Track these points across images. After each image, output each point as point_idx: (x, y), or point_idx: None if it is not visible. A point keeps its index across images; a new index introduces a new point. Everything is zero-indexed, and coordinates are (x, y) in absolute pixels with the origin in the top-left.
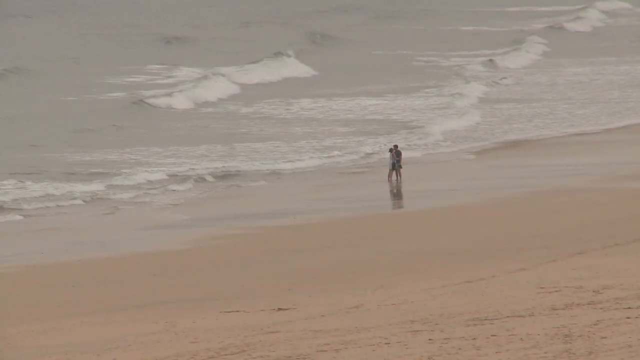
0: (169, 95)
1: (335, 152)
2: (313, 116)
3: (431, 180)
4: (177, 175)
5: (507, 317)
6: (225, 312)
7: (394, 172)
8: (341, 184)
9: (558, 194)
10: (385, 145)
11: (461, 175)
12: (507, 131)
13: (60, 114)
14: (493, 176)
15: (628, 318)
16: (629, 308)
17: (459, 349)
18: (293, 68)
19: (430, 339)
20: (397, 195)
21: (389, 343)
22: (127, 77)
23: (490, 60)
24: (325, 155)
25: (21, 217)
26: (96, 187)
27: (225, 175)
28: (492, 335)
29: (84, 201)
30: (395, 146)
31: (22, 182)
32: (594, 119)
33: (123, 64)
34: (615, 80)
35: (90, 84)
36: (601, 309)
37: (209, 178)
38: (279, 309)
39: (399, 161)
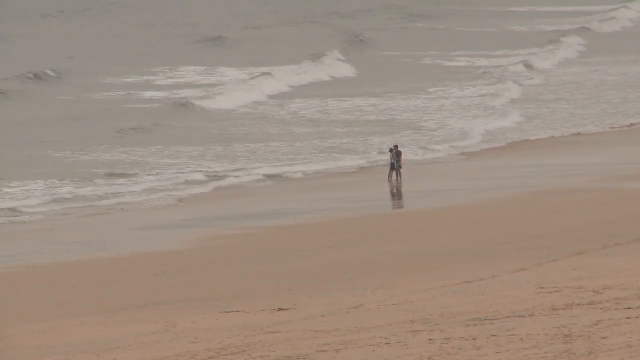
0: (216, 95)
1: (374, 152)
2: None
3: (431, 180)
4: (218, 176)
5: (507, 317)
6: (225, 312)
7: (394, 172)
8: (341, 184)
9: (558, 194)
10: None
11: (461, 175)
12: (548, 129)
13: (101, 115)
14: (493, 176)
15: (628, 318)
16: (629, 308)
17: (459, 349)
18: (337, 68)
19: (430, 339)
20: (397, 195)
21: (389, 343)
22: (167, 77)
23: (525, 61)
24: (365, 156)
25: (31, 219)
26: (139, 187)
27: (263, 177)
28: (492, 335)
29: (118, 203)
30: (395, 146)
31: (47, 182)
32: (597, 119)
33: (162, 64)
34: (611, 81)
35: (132, 84)
36: (601, 309)
37: (248, 179)
38: (279, 309)
39: (398, 161)
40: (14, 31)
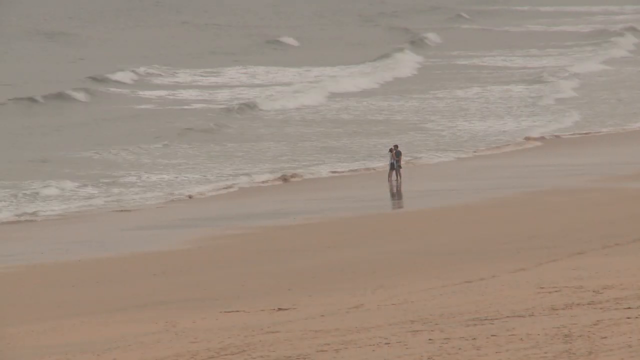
0: (278, 96)
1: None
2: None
3: (431, 180)
4: (285, 178)
5: (507, 317)
6: (225, 312)
7: (394, 172)
8: (341, 184)
9: (558, 194)
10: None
11: (461, 175)
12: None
13: (156, 116)
14: (493, 176)
15: (628, 318)
16: (629, 308)
17: (459, 349)
18: (400, 69)
19: (430, 339)
20: (397, 195)
21: (389, 343)
22: (230, 78)
23: (563, 65)
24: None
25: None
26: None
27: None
28: (492, 335)
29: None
30: (396, 146)
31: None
32: (598, 119)
33: (225, 64)
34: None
35: (193, 84)
36: (601, 309)
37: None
38: (279, 309)
39: (398, 161)
40: (82, 32)
